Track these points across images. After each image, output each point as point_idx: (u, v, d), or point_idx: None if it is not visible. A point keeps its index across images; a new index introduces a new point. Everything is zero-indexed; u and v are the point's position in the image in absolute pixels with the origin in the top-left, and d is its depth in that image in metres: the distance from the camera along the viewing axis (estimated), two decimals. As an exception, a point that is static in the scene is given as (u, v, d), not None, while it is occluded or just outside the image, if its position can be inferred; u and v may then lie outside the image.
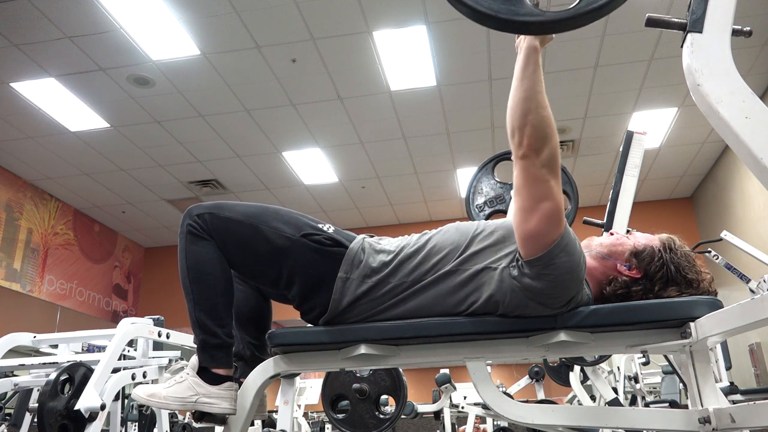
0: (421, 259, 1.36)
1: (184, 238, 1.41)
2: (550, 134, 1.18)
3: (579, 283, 1.25)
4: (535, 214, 1.20)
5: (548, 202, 1.19)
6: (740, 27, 0.94)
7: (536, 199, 1.20)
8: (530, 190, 1.20)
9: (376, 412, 2.43)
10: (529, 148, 1.18)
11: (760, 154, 0.84)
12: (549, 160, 1.18)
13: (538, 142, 1.17)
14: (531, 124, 1.17)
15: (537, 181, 1.19)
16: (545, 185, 1.19)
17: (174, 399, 1.35)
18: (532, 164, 1.18)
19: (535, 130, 1.17)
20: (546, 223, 1.20)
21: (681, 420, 1.21)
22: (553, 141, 1.19)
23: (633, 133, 2.25)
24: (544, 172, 1.18)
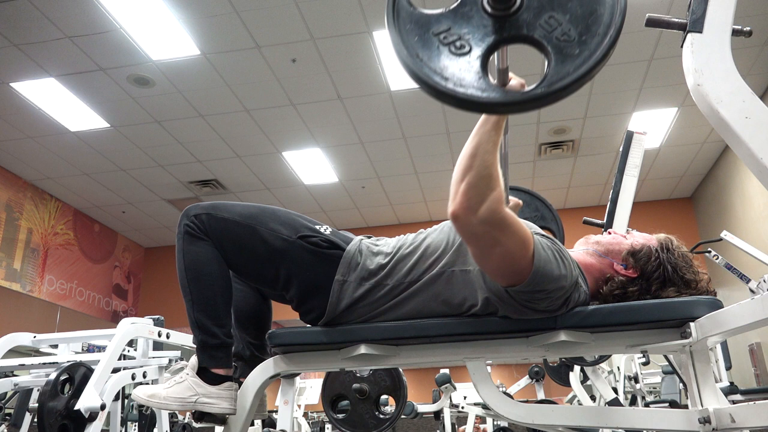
0: (417, 260, 1.36)
1: (181, 238, 1.41)
2: (486, 193, 1.11)
3: (566, 291, 1.24)
4: (490, 260, 1.18)
5: (498, 248, 1.14)
6: (740, 27, 0.95)
7: (484, 250, 1.17)
8: (473, 245, 1.18)
9: (376, 412, 2.43)
10: (460, 206, 1.11)
11: (760, 154, 0.84)
12: (487, 218, 1.11)
13: (472, 201, 1.10)
14: (467, 182, 1.11)
15: (477, 238, 1.15)
16: (488, 238, 1.14)
17: (174, 399, 1.35)
18: (467, 223, 1.12)
19: (469, 188, 1.10)
20: (508, 264, 1.17)
21: (681, 420, 1.21)
22: (491, 198, 1.11)
23: (633, 133, 2.25)
24: (482, 228, 1.12)
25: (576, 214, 2.47)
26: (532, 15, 0.82)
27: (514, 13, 0.83)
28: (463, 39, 0.83)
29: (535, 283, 1.18)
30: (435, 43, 0.84)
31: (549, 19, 0.81)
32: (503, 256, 1.15)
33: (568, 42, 0.80)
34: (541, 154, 6.91)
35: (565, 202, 8.30)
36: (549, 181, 7.68)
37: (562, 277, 1.20)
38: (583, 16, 0.81)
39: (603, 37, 0.78)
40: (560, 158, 7.09)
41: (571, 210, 8.29)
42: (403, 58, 0.82)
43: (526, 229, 1.18)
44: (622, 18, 0.80)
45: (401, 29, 0.84)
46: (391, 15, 0.85)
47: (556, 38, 0.80)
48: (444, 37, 0.84)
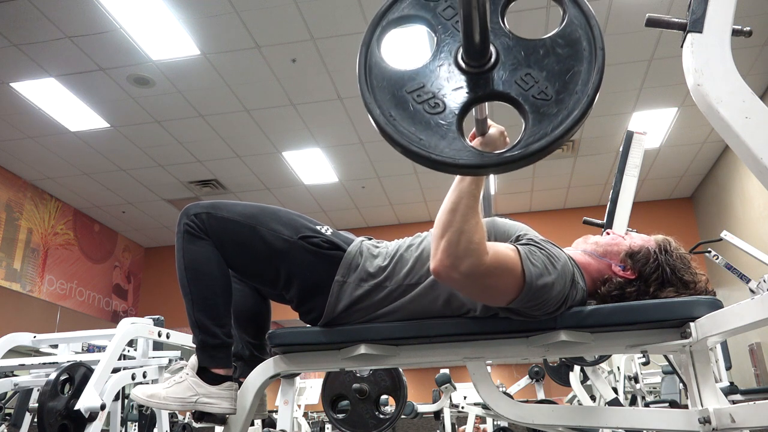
0: (414, 262, 1.36)
1: (181, 237, 1.41)
2: (468, 248, 1.10)
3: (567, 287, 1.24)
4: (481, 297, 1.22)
5: (488, 289, 1.16)
6: (740, 27, 0.94)
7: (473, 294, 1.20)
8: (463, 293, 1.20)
9: (376, 412, 2.43)
10: (441, 264, 1.11)
11: (760, 154, 0.84)
12: (471, 272, 1.10)
13: (451, 258, 1.10)
14: (447, 239, 1.10)
15: (464, 288, 1.17)
16: (476, 286, 1.14)
17: (174, 399, 1.35)
18: (448, 278, 1.12)
19: (450, 245, 1.10)
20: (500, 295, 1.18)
21: (681, 420, 1.21)
22: (473, 254, 1.10)
23: (633, 133, 2.25)
24: (468, 281, 1.12)
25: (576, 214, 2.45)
26: (508, 72, 0.80)
27: (489, 70, 0.80)
28: (437, 97, 0.80)
29: (529, 297, 1.18)
30: (409, 101, 0.81)
31: (525, 76, 0.79)
32: (493, 292, 1.17)
33: (546, 101, 0.78)
34: (541, 154, 6.90)
35: (565, 202, 8.30)
36: (549, 181, 7.68)
37: (556, 281, 1.20)
38: (560, 73, 0.78)
39: (581, 96, 0.76)
40: (560, 158, 7.08)
41: (571, 210, 8.29)
42: (375, 117, 0.79)
43: (510, 257, 1.16)
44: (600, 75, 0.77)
45: (374, 86, 0.81)
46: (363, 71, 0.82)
47: (533, 96, 0.78)
48: (418, 95, 0.81)
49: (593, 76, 0.77)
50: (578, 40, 0.80)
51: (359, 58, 0.84)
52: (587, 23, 0.81)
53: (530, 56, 0.80)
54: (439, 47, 0.85)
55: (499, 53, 0.81)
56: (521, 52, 0.81)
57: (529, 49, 0.81)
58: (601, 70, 0.78)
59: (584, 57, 0.79)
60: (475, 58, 0.80)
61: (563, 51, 0.80)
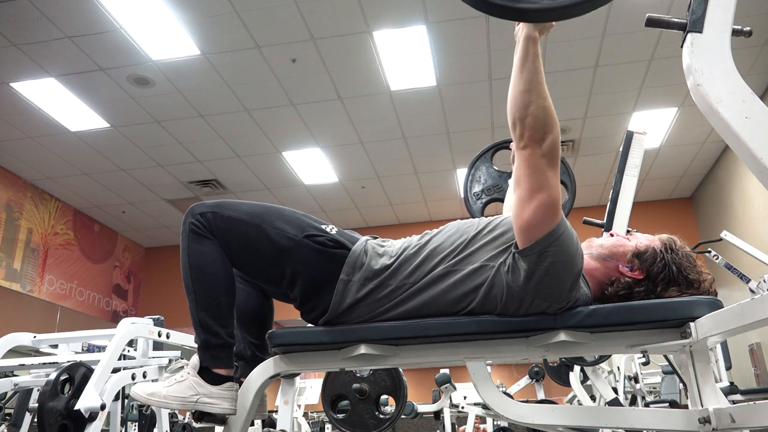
0: (421, 261, 1.36)
1: (186, 236, 1.41)
2: (551, 124, 1.18)
3: (574, 273, 1.24)
4: (531, 203, 1.21)
5: (544, 192, 1.20)
6: (740, 27, 0.94)
7: (533, 189, 1.21)
8: (529, 180, 1.21)
9: (376, 412, 2.43)
10: (531, 139, 1.18)
11: (760, 154, 0.84)
12: (550, 150, 1.19)
13: (539, 133, 1.18)
14: (532, 115, 1.17)
15: (536, 171, 1.20)
16: (543, 175, 1.20)
17: (174, 398, 1.35)
18: (533, 154, 1.19)
19: (536, 121, 1.17)
20: (541, 214, 1.20)
21: (681, 420, 1.20)
22: (554, 131, 1.19)
23: (633, 133, 2.25)
24: (543, 162, 1.19)
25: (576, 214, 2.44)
26: None
27: None
28: None
29: (548, 243, 1.20)
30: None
31: None
32: (543, 205, 1.20)
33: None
34: (541, 154, 6.90)
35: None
36: (549, 181, 7.67)
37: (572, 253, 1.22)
38: None
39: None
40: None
41: (571, 210, 8.27)
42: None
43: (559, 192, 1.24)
44: None
45: None
46: None
47: None
48: None
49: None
50: None
51: None
52: None
53: None
54: None
55: None
56: None
57: None
58: None
59: None
60: None
61: None
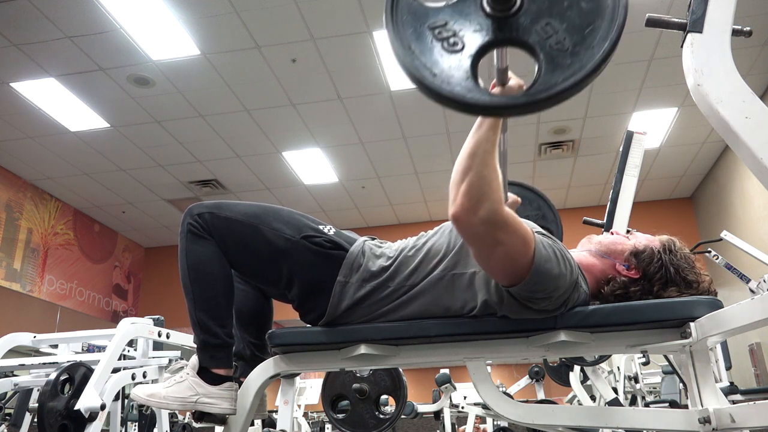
0: (419, 263, 1.36)
1: (184, 237, 1.41)
2: (487, 193, 1.10)
3: (567, 289, 1.24)
4: (491, 260, 1.18)
5: (500, 247, 1.15)
6: (740, 27, 0.94)
7: (485, 251, 1.17)
8: (475, 246, 1.18)
9: (376, 412, 2.43)
10: (461, 207, 1.11)
11: (760, 154, 0.84)
12: (488, 219, 1.11)
13: (472, 202, 1.10)
14: (468, 182, 1.10)
15: (479, 238, 1.15)
16: (489, 239, 1.14)
17: (174, 399, 1.35)
18: (468, 223, 1.12)
19: (469, 189, 1.10)
20: (507, 265, 1.17)
21: (681, 420, 1.21)
22: (490, 200, 1.10)
23: (633, 133, 2.25)
24: (484, 229, 1.13)
25: (576, 214, 2.46)
26: (530, 19, 0.81)
27: (512, 16, 0.82)
28: (458, 36, 0.83)
29: (535, 282, 1.18)
30: (429, 37, 0.83)
31: (546, 25, 0.80)
32: (505, 255, 1.16)
33: (561, 51, 0.79)
34: (541, 154, 6.91)
35: (565, 202, 8.29)
36: (549, 181, 7.68)
37: (561, 275, 1.20)
38: (581, 26, 0.79)
39: (596, 51, 0.77)
40: (560, 158, 7.08)
41: (571, 210, 8.28)
42: (395, 48, 0.82)
43: (526, 227, 1.18)
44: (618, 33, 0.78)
45: (397, 19, 0.83)
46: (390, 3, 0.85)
47: (550, 46, 0.79)
48: (439, 32, 0.83)
49: (612, 33, 0.78)
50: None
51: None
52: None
53: (554, 6, 0.82)
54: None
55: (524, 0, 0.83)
56: (546, 1, 0.82)
57: None
58: (621, 28, 0.78)
59: (606, 13, 0.79)
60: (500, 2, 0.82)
61: (586, 5, 0.81)
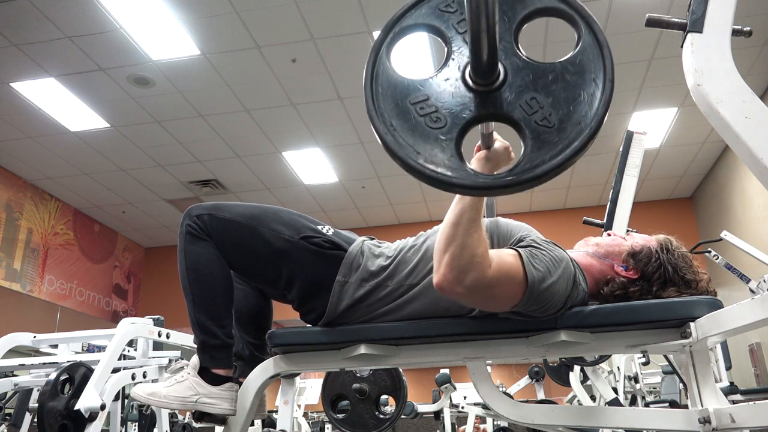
0: (417, 262, 1.36)
1: (183, 238, 1.41)
2: (471, 263, 1.09)
3: (569, 288, 1.24)
4: (488, 307, 1.23)
5: (493, 299, 1.17)
6: (740, 27, 0.94)
7: (480, 305, 1.22)
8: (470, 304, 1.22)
9: (376, 412, 2.43)
10: (444, 278, 1.10)
11: (760, 154, 0.84)
12: (473, 286, 1.10)
13: (454, 272, 1.09)
14: (451, 253, 1.09)
15: (468, 301, 1.19)
16: (479, 299, 1.16)
17: (174, 398, 1.35)
18: (452, 292, 1.11)
19: (453, 260, 1.09)
20: (504, 301, 1.19)
21: (681, 420, 1.21)
22: (476, 268, 1.09)
23: (633, 133, 2.26)
24: (470, 295, 1.13)
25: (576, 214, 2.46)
26: (514, 94, 0.78)
27: (495, 90, 0.79)
28: (440, 112, 0.79)
29: (532, 301, 1.19)
30: (411, 112, 0.80)
31: (531, 100, 0.77)
32: (497, 300, 1.18)
33: (548, 128, 0.76)
34: (541, 154, 6.90)
35: (565, 202, 8.29)
36: (549, 181, 7.66)
37: (557, 284, 1.21)
38: (566, 101, 0.77)
39: (584, 127, 0.75)
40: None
41: (571, 210, 8.28)
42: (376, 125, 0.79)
43: (513, 264, 1.16)
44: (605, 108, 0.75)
45: (378, 93, 0.81)
46: (370, 77, 0.82)
47: (536, 122, 0.77)
48: (421, 107, 0.80)
49: (599, 108, 0.75)
50: (589, 70, 0.78)
51: (368, 63, 0.83)
52: (600, 54, 0.79)
53: (538, 80, 0.78)
54: (448, 60, 0.84)
55: (508, 73, 0.79)
56: (530, 75, 0.79)
57: (538, 72, 0.79)
58: (608, 103, 0.76)
59: (592, 87, 0.77)
60: (482, 77, 0.78)
61: (572, 78, 0.78)
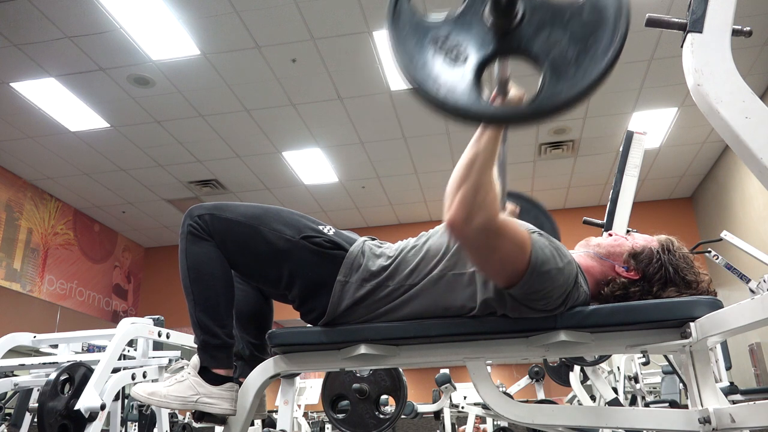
0: (419, 262, 1.36)
1: (184, 238, 1.41)
2: (482, 204, 1.11)
3: (566, 287, 1.24)
4: (489, 266, 1.20)
5: (497, 254, 1.16)
6: (740, 27, 0.94)
7: (483, 258, 1.19)
8: (472, 252, 1.19)
9: (376, 412, 2.43)
10: (456, 217, 1.12)
11: (760, 154, 0.84)
12: (483, 229, 1.12)
13: (466, 212, 1.11)
14: (462, 192, 1.11)
15: (474, 247, 1.17)
16: (486, 248, 1.15)
17: (175, 398, 1.35)
18: (461, 232, 1.13)
19: (464, 199, 1.11)
20: (506, 266, 1.18)
21: (681, 420, 1.21)
22: (486, 208, 1.11)
23: (633, 133, 2.26)
24: (479, 238, 1.13)
25: (576, 214, 2.46)
26: (532, 30, 0.81)
27: (515, 27, 0.82)
28: (461, 48, 0.83)
29: (532, 282, 1.18)
30: (432, 49, 0.83)
31: (549, 37, 0.80)
32: (501, 260, 1.17)
33: (565, 61, 0.78)
34: (541, 154, 6.90)
35: (565, 202, 8.29)
36: (549, 181, 7.68)
37: (559, 273, 1.21)
38: (584, 36, 0.79)
39: (600, 61, 0.77)
40: (560, 158, 7.08)
41: (571, 210, 8.28)
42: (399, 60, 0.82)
43: (522, 231, 1.18)
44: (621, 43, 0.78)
45: (400, 32, 0.83)
46: (391, 17, 0.85)
47: (554, 56, 0.79)
48: (442, 44, 0.83)
49: (615, 43, 0.78)
50: (605, 7, 0.81)
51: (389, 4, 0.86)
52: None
53: (556, 18, 0.81)
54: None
55: (526, 12, 0.82)
56: (548, 13, 0.82)
57: (555, 10, 0.83)
58: (623, 38, 0.78)
59: (608, 24, 0.79)
60: (502, 15, 0.81)
61: (589, 16, 0.81)
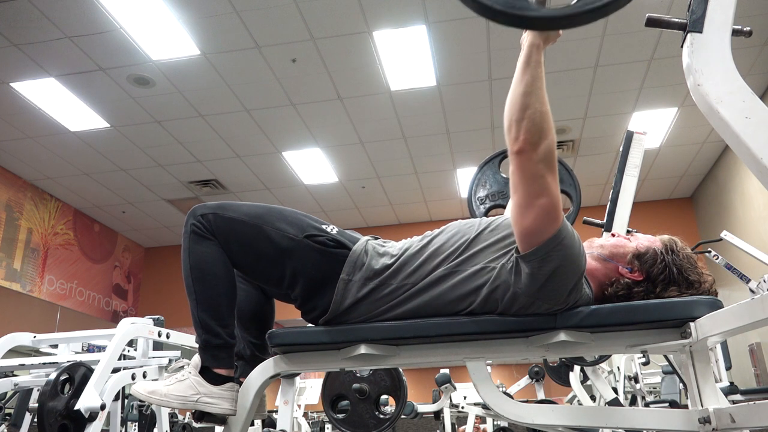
0: (422, 262, 1.36)
1: (188, 237, 1.41)
2: (547, 130, 1.17)
3: (577, 276, 1.24)
4: (531, 210, 1.19)
5: (544, 198, 1.18)
6: (740, 27, 0.94)
7: (532, 195, 1.19)
8: (526, 186, 1.19)
9: (376, 412, 2.43)
10: (526, 143, 1.16)
11: (760, 154, 0.84)
12: (546, 156, 1.17)
13: (535, 137, 1.15)
14: (529, 118, 1.16)
15: (533, 177, 1.18)
16: (541, 181, 1.18)
17: (175, 397, 1.35)
18: (529, 159, 1.16)
19: (532, 125, 1.15)
20: (542, 220, 1.19)
21: (681, 420, 1.21)
22: (550, 136, 1.17)
23: (633, 133, 2.26)
24: (540, 167, 1.17)
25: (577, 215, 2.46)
26: None
27: None
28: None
29: (548, 252, 1.19)
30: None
31: None
32: (544, 211, 1.19)
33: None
34: (541, 154, 6.90)
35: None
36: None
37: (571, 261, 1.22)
38: None
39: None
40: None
41: (572, 210, 8.27)
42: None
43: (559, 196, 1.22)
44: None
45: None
46: None
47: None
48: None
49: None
50: None
51: None
52: None
53: None
54: None
55: None
56: None
57: None
58: None
59: None
60: None
61: None
